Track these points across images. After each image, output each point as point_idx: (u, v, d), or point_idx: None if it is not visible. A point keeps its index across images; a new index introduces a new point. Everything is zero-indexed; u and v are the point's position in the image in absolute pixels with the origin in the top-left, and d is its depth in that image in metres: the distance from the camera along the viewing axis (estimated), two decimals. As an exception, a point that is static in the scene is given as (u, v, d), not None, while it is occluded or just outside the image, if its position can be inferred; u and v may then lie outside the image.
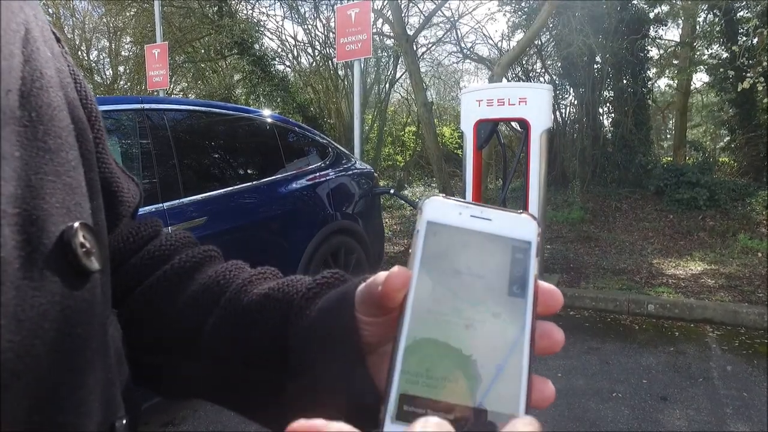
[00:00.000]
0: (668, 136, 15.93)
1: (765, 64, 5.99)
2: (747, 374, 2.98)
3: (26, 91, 0.24)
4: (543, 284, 0.28)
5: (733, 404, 2.63)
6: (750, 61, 6.60)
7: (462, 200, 0.28)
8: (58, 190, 0.24)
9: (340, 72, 11.92)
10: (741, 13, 8.79)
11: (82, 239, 0.25)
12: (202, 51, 12.01)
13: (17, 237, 0.21)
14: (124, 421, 0.30)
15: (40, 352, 0.22)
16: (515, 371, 0.25)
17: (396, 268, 0.27)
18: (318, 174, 3.49)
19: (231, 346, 0.36)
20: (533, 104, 4.43)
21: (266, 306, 0.36)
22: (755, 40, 8.10)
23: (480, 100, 4.60)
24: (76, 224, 0.25)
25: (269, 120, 3.43)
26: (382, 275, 0.28)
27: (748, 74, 5.60)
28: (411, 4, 11.31)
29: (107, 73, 14.15)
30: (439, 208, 0.28)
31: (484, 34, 21.18)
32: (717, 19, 9.10)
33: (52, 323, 0.23)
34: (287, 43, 12.54)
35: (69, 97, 0.29)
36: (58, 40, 0.33)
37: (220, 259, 0.44)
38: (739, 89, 6.09)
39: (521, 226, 0.28)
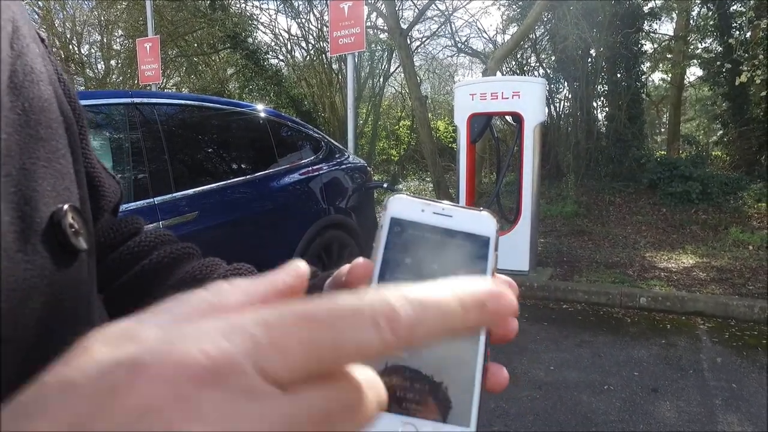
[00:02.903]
0: (662, 130, 15.98)
1: (761, 57, 6.01)
2: (736, 366, 3.01)
3: (19, 83, 0.25)
4: (500, 276, 0.29)
5: (722, 395, 2.66)
6: (746, 55, 6.62)
7: (427, 199, 0.30)
8: (50, 175, 0.26)
9: (334, 66, 11.87)
10: (734, 7, 8.80)
11: (71, 220, 0.26)
12: (195, 45, 11.91)
13: (12, 213, 0.23)
14: None
15: (29, 321, 0.23)
16: (470, 366, 0.27)
17: (359, 260, 0.28)
18: (311, 168, 3.48)
19: None
20: (527, 98, 4.43)
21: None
22: (749, 34, 8.13)
23: (473, 93, 4.60)
24: (66, 206, 0.26)
25: (262, 114, 3.41)
26: (346, 267, 0.29)
27: (745, 68, 5.61)
28: (405, -2, 11.27)
29: (99, 67, 14.03)
30: (402, 206, 0.29)
31: (478, 28, 21.11)
32: (711, 13, 9.11)
33: (41, 295, 0.24)
34: (281, 37, 12.46)
35: (57, 92, 0.31)
36: (42, 41, 0.34)
37: (198, 256, 0.45)
38: (736, 83, 6.10)
39: (481, 222, 0.30)
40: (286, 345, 0.13)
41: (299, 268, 0.19)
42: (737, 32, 8.38)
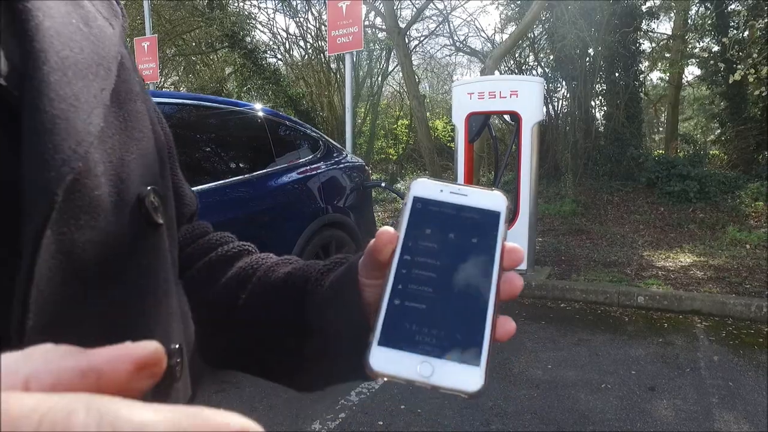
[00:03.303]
0: (660, 129, 16.00)
1: (755, 55, 6.03)
2: (733, 364, 3.02)
3: (121, 100, 0.34)
4: (508, 244, 0.33)
5: (719, 393, 2.66)
6: (740, 53, 6.65)
7: (445, 181, 0.35)
8: (139, 166, 0.33)
9: (332, 65, 11.86)
10: (732, 6, 8.82)
11: (152, 199, 0.33)
12: (193, 44, 11.90)
13: (111, 189, 0.30)
14: (177, 345, 0.36)
15: (117, 271, 0.30)
16: (482, 315, 0.31)
17: (384, 228, 0.33)
18: (309, 167, 3.48)
19: (260, 316, 0.45)
20: (525, 97, 4.43)
21: (289, 282, 0.44)
22: (746, 33, 8.14)
23: (471, 93, 4.60)
24: (149, 188, 0.33)
25: (260, 113, 3.41)
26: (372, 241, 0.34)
27: (739, 66, 5.63)
28: (403, -3, 11.26)
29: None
30: (424, 187, 0.35)
31: (476, 27, 21.14)
32: (709, 12, 9.13)
33: (128, 255, 0.31)
34: (279, 36, 12.46)
35: (150, 112, 0.40)
36: (136, 70, 0.43)
37: (255, 252, 0.53)
38: (730, 81, 6.12)
39: (492, 199, 0.34)
40: None
41: (133, 351, 0.16)
42: (734, 31, 8.40)
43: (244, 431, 0.14)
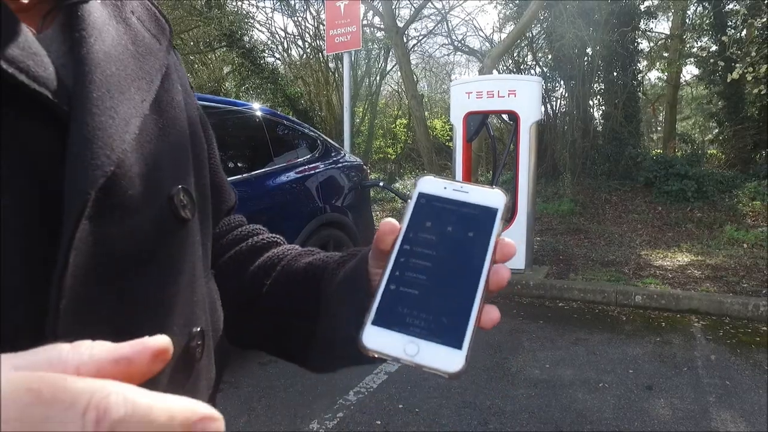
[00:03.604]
0: (659, 128, 16.03)
1: (753, 54, 6.04)
2: (730, 363, 3.03)
3: (162, 108, 0.38)
4: (502, 239, 0.36)
5: (716, 392, 2.67)
6: (739, 52, 6.66)
7: (449, 179, 0.38)
8: (172, 167, 0.37)
9: (330, 64, 11.85)
10: (730, 6, 8.83)
11: (181, 197, 0.37)
12: (191, 43, 11.87)
13: (144, 189, 0.34)
14: (199, 329, 0.39)
15: (144, 261, 0.34)
16: (470, 302, 0.33)
17: (386, 220, 0.37)
18: (307, 167, 3.48)
19: (281, 302, 0.50)
20: (522, 96, 4.44)
21: (309, 271, 0.49)
22: (744, 32, 8.15)
23: (469, 92, 4.60)
24: (179, 186, 0.37)
25: (258, 113, 3.41)
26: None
27: (738, 64, 5.64)
28: (402, -4, 11.26)
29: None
30: (429, 183, 0.38)
31: (475, 26, 21.14)
32: (707, 12, 9.14)
33: (155, 247, 0.35)
34: (277, 36, 12.45)
35: (191, 118, 0.44)
36: (191, 87, 0.48)
37: (282, 243, 0.58)
38: (728, 80, 6.14)
39: (492, 196, 0.37)
40: (9, 408, 0.17)
41: (151, 344, 0.20)
42: (732, 30, 8.41)
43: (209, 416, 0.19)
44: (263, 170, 3.17)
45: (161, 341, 0.21)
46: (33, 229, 0.29)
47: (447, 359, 0.31)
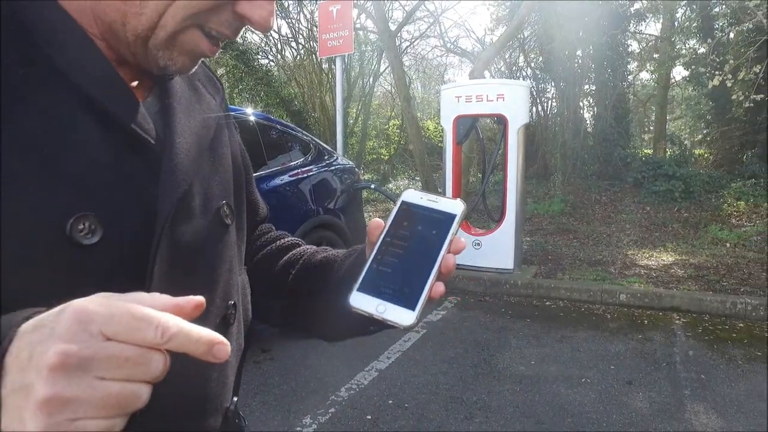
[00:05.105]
0: (650, 128, 16.20)
1: (732, 62, 6.17)
2: (707, 358, 3.15)
3: (215, 146, 0.55)
4: (458, 237, 0.49)
5: (692, 386, 2.79)
6: (719, 59, 6.80)
7: (426, 192, 0.51)
8: (219, 188, 0.54)
9: (324, 66, 11.92)
10: (716, 9, 8.98)
11: (225, 209, 0.54)
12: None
13: (201, 203, 0.50)
14: (233, 302, 0.56)
15: (201, 252, 0.50)
16: (425, 279, 0.46)
17: (375, 219, 0.51)
18: (300, 170, 3.57)
19: (302, 287, 0.65)
20: (511, 100, 4.54)
21: (323, 263, 0.65)
22: (731, 36, 8.29)
23: (459, 96, 4.70)
24: (223, 202, 0.54)
25: (251, 118, 3.49)
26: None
27: (717, 72, 5.77)
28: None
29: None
30: (410, 194, 0.52)
31: (467, 28, 21.25)
32: (694, 15, 9.29)
33: (207, 243, 0.51)
34: (271, 37, 12.48)
35: (233, 151, 0.60)
36: (236, 127, 0.66)
37: (302, 244, 0.74)
38: (709, 86, 6.27)
39: (453, 206, 0.50)
40: (115, 324, 0.30)
41: (193, 299, 0.34)
42: (720, 34, 8.56)
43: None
44: (257, 174, 3.25)
45: (198, 299, 0.34)
46: (135, 226, 0.45)
47: (404, 316, 0.45)
